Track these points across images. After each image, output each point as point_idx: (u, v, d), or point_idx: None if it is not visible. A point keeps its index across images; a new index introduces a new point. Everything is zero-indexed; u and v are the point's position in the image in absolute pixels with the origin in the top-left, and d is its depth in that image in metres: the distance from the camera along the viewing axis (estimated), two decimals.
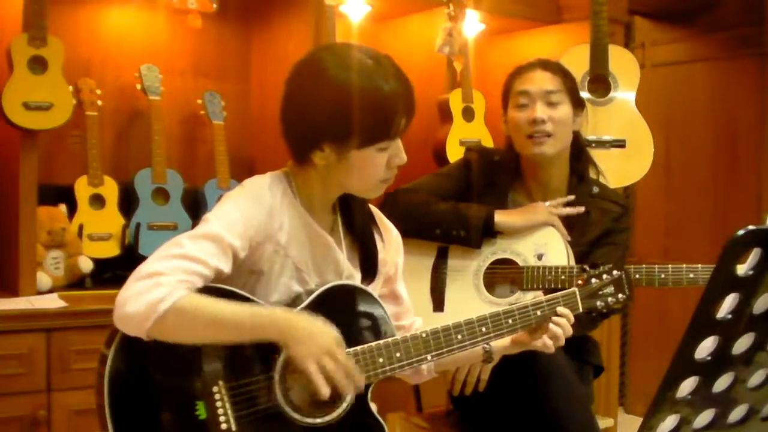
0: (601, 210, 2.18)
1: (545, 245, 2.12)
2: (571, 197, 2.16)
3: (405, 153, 1.54)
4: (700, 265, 2.08)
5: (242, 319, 1.39)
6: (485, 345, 1.71)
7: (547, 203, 2.15)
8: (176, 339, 1.37)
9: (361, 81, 1.45)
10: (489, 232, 2.12)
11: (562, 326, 1.67)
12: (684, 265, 2.08)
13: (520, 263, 2.13)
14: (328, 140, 1.48)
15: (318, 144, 1.48)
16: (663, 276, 2.08)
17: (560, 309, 1.68)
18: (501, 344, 1.73)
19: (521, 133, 2.14)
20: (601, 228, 2.17)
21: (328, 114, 1.46)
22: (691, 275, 2.08)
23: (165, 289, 1.33)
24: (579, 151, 2.22)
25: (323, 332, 1.42)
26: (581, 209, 2.14)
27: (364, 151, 1.48)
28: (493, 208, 2.13)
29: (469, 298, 2.15)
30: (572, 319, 1.69)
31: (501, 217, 2.12)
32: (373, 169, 1.51)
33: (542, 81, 2.15)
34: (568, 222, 2.15)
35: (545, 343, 1.67)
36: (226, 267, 1.43)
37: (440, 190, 2.22)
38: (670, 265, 2.08)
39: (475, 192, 2.22)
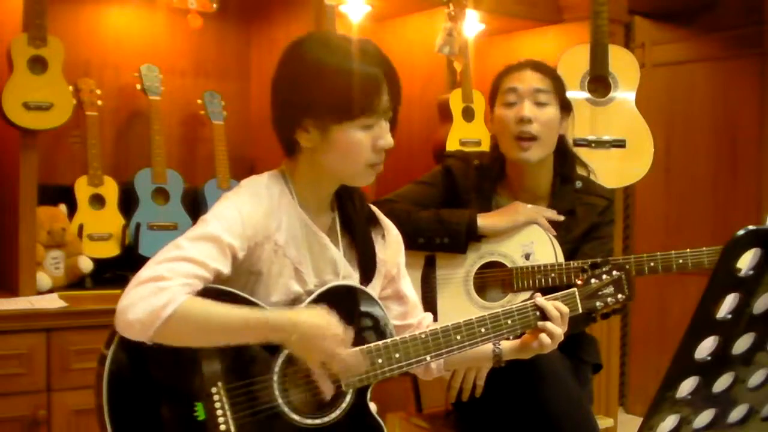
0: (586, 206, 2.17)
1: (531, 244, 2.11)
2: (558, 217, 2.15)
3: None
4: (688, 250, 2.08)
5: (245, 322, 1.39)
6: (495, 348, 1.71)
7: (529, 206, 2.15)
8: (180, 343, 1.37)
9: (339, 57, 1.48)
10: (473, 236, 2.12)
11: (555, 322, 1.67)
12: (672, 252, 2.09)
13: (509, 265, 2.13)
14: (309, 116, 1.49)
15: (300, 121, 1.50)
16: (652, 264, 2.09)
17: (556, 303, 1.67)
18: (511, 347, 1.72)
19: (507, 133, 2.13)
20: (588, 223, 2.16)
21: (305, 90, 1.49)
22: (681, 260, 2.08)
23: (167, 295, 1.33)
24: (564, 153, 2.22)
25: (325, 331, 1.42)
26: (560, 218, 2.14)
27: (345, 127, 1.48)
28: (475, 212, 2.12)
29: (461, 305, 2.15)
30: (566, 317, 1.69)
31: (483, 220, 2.12)
32: (357, 148, 1.50)
33: (532, 80, 2.14)
34: (556, 212, 2.15)
35: (542, 342, 1.67)
36: (225, 268, 1.43)
37: (422, 198, 2.21)
38: (658, 253, 2.09)
39: (458, 198, 2.21)
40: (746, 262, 0.84)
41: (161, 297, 1.33)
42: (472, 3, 3.11)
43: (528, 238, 2.12)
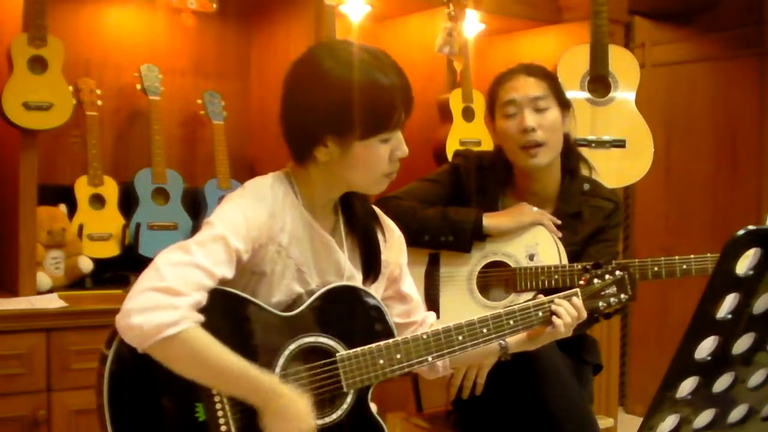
0: (593, 208, 2.17)
1: (536, 245, 2.12)
2: (559, 229, 2.15)
3: (408, 153, 1.55)
4: (692, 256, 2.09)
5: (234, 376, 1.38)
6: (501, 341, 1.71)
7: (535, 209, 2.15)
8: (166, 364, 1.36)
9: (360, 73, 1.47)
10: (478, 235, 2.12)
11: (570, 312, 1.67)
12: (676, 257, 2.09)
13: (512, 265, 2.13)
14: (331, 134, 1.48)
15: (321, 139, 1.49)
16: (656, 269, 2.09)
17: (575, 300, 1.68)
18: (518, 340, 1.73)
19: (513, 144, 2.13)
20: (594, 226, 2.16)
21: (329, 108, 1.47)
22: (684, 266, 2.09)
23: (177, 315, 1.32)
24: (568, 150, 2.22)
25: (302, 416, 1.41)
26: (559, 233, 2.14)
27: (367, 142, 1.49)
28: (481, 211, 2.13)
29: (463, 303, 2.15)
30: (584, 313, 1.69)
31: (489, 220, 2.12)
32: (377, 161, 1.51)
33: (527, 87, 2.13)
34: (560, 221, 2.15)
35: (556, 325, 1.66)
36: (230, 273, 1.43)
37: (429, 195, 2.21)
38: (662, 258, 2.09)
39: (465, 197, 2.21)
40: (746, 262, 0.84)
41: (171, 315, 1.32)
42: (472, 3, 3.11)
43: (533, 239, 2.12)
